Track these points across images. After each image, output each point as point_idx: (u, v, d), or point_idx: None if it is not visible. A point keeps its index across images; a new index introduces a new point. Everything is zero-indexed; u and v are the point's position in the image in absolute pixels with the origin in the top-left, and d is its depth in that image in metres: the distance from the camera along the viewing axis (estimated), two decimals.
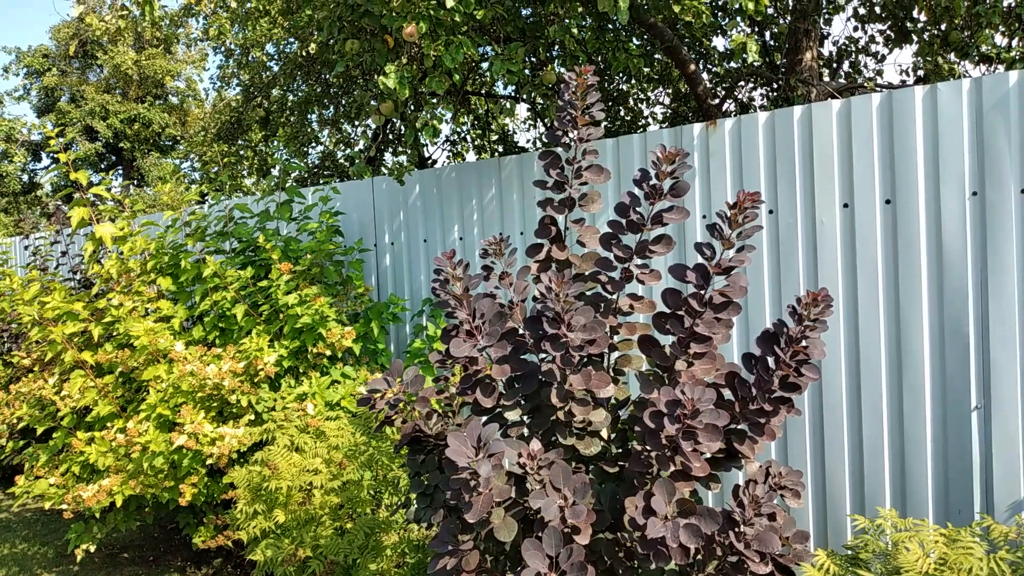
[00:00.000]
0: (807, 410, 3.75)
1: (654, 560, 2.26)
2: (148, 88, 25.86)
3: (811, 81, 6.04)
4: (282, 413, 4.23)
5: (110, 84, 25.93)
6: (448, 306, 2.62)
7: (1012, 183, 3.28)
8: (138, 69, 24.60)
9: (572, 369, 2.55)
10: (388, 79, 4.20)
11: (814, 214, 3.72)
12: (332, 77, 8.30)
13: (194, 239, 5.08)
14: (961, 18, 6.26)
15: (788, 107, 3.81)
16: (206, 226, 5.29)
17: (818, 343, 2.32)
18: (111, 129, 24.74)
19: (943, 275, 3.43)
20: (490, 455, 2.23)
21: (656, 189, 2.59)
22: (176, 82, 26.44)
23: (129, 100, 25.70)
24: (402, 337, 5.27)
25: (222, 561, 5.24)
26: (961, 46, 6.46)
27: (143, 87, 25.80)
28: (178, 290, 5.11)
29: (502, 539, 2.34)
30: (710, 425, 2.23)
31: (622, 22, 4.11)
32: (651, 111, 9.64)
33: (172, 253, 5.15)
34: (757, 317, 3.86)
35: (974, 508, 3.38)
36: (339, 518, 3.83)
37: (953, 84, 3.39)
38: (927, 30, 6.92)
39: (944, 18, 6.31)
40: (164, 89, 26.39)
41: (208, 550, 5.23)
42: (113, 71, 24.86)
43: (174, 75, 25.92)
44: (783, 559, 2.37)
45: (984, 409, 3.36)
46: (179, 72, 26.14)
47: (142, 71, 24.75)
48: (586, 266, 2.86)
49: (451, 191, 5.03)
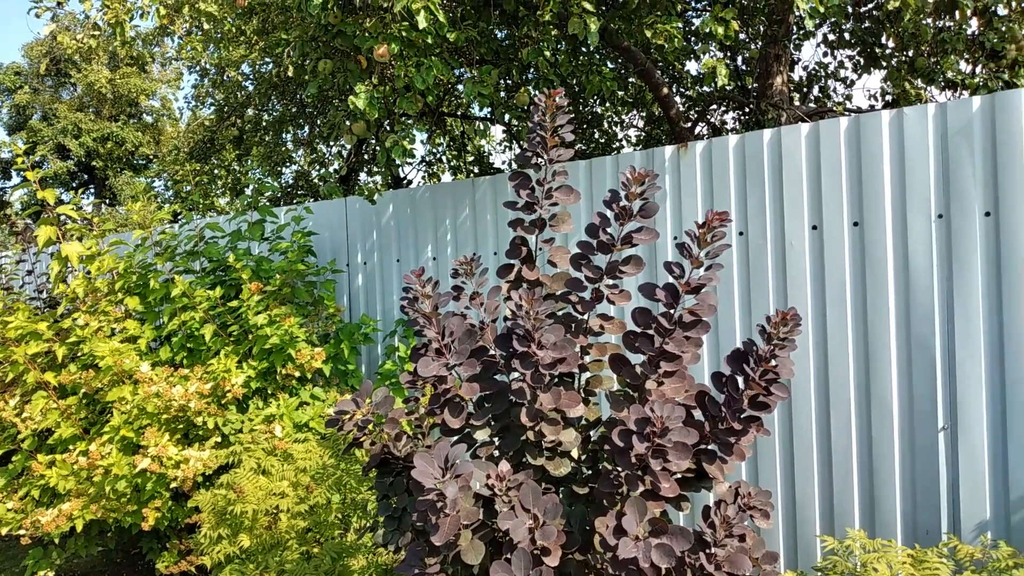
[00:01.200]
0: (776, 430, 3.76)
1: None
2: (122, 107, 25.67)
3: (782, 105, 6.12)
4: (249, 435, 4.16)
5: (83, 102, 25.71)
6: (417, 324, 2.59)
7: (976, 206, 3.33)
8: (112, 87, 24.42)
9: (542, 388, 2.53)
10: (358, 99, 4.19)
11: (783, 235, 3.74)
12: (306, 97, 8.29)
13: (163, 258, 5.02)
14: (927, 45, 6.39)
15: (758, 130, 3.85)
16: (176, 245, 5.22)
17: (787, 362, 2.33)
18: (83, 148, 24.49)
19: (910, 297, 3.47)
20: (457, 476, 2.20)
21: (626, 210, 2.59)
22: (151, 101, 26.28)
23: (102, 118, 25.49)
24: (374, 358, 5.22)
25: None
26: (927, 72, 6.58)
27: (117, 106, 25.60)
28: (146, 310, 5.03)
29: (469, 562, 2.30)
30: (679, 443, 2.22)
31: (593, 45, 4.14)
32: (625, 134, 9.73)
33: (141, 273, 5.07)
34: (728, 337, 3.87)
35: (941, 528, 3.39)
36: (306, 542, 3.76)
37: (919, 109, 3.44)
38: (895, 56, 7.05)
39: (911, 44, 6.43)
40: (138, 108, 26.21)
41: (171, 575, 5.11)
42: (87, 89, 24.66)
43: (149, 94, 25.76)
44: None
45: (951, 430, 3.39)
46: (154, 91, 25.99)
47: (116, 90, 24.57)
48: (557, 286, 2.85)
49: (425, 211, 5.01)
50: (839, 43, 7.64)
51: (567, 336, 2.57)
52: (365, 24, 4.25)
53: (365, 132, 4.71)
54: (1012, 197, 3.26)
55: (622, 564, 2.23)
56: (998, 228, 3.29)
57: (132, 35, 7.49)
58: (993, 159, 3.30)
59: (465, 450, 2.58)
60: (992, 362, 3.31)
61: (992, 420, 3.31)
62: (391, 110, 4.67)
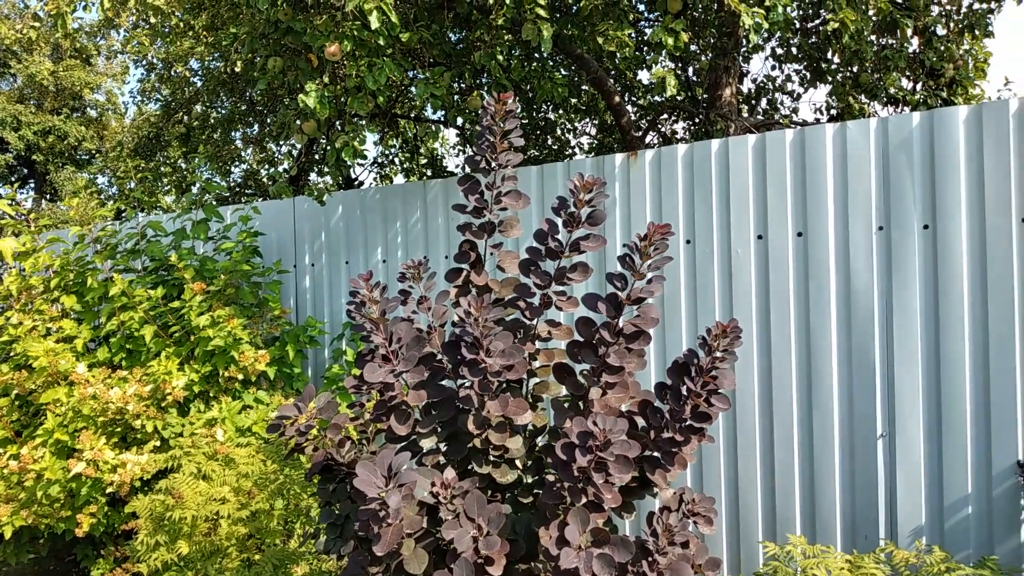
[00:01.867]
0: (721, 437, 3.80)
1: None
2: (65, 100, 24.89)
3: (730, 116, 6.22)
4: (190, 439, 4.06)
5: (24, 94, 24.87)
6: (364, 330, 2.55)
7: (915, 219, 3.42)
8: (54, 80, 23.68)
9: (490, 395, 2.51)
10: (308, 98, 4.13)
11: (730, 244, 3.80)
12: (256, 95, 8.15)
13: (103, 256, 4.87)
14: (870, 62, 6.56)
15: (707, 140, 3.90)
16: (117, 243, 5.08)
17: (728, 374, 2.35)
18: (23, 141, 23.69)
19: (851, 307, 3.54)
20: (401, 485, 2.17)
21: (574, 217, 2.59)
22: (95, 95, 25.55)
23: (44, 112, 24.68)
24: (320, 361, 5.15)
25: None
26: (870, 88, 6.76)
27: (59, 98, 24.82)
28: (83, 309, 4.88)
29: (412, 571, 2.27)
30: (621, 456, 2.22)
31: (546, 50, 4.15)
32: (578, 141, 9.78)
33: (78, 270, 4.92)
34: (675, 343, 3.91)
35: (879, 534, 3.47)
36: (247, 549, 3.68)
37: (861, 123, 3.53)
38: (840, 71, 7.22)
39: (855, 61, 6.60)
40: (82, 101, 25.44)
41: None
42: (27, 81, 23.85)
43: (93, 87, 25.04)
44: None
45: (889, 437, 3.47)
46: (98, 84, 25.26)
47: (59, 82, 23.81)
48: (505, 292, 2.84)
49: (375, 213, 4.96)
50: (786, 57, 7.80)
51: (515, 343, 2.55)
52: (316, 22, 4.20)
53: (315, 131, 4.64)
54: (949, 211, 3.35)
55: (564, 574, 2.22)
56: (935, 241, 3.38)
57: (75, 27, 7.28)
58: (931, 173, 3.40)
59: (410, 457, 2.55)
60: (928, 371, 3.40)
61: (928, 428, 3.40)
62: (342, 110, 4.62)
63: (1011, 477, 3.24)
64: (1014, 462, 3.23)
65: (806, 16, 7.05)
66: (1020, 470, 3.20)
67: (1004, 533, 3.26)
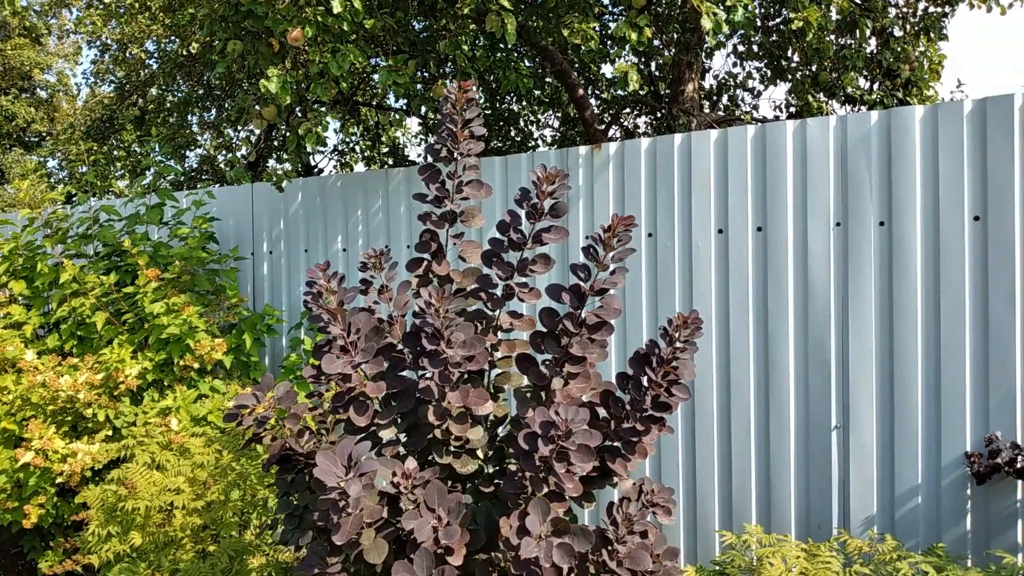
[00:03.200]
0: (680, 428, 3.85)
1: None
2: (13, 79, 24.14)
3: (692, 111, 6.27)
4: (143, 429, 3.98)
5: None
6: (321, 320, 2.52)
7: (872, 215, 3.49)
8: (2, 59, 22.95)
9: (451, 386, 2.50)
10: (270, 83, 4.06)
11: (691, 238, 3.83)
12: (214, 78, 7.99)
13: (53, 241, 4.74)
14: (830, 60, 6.66)
15: (670, 134, 3.92)
16: (68, 228, 4.95)
17: (688, 364, 2.37)
18: None
19: (808, 300, 3.60)
20: (361, 475, 2.15)
21: (537, 208, 2.59)
22: (46, 75, 24.81)
23: None
24: (278, 350, 5.08)
25: None
26: (829, 86, 6.87)
27: (8, 78, 24.06)
28: (33, 295, 4.75)
29: (372, 561, 2.26)
30: (583, 446, 2.23)
31: (510, 42, 4.13)
32: (541, 133, 9.78)
33: (28, 255, 4.79)
34: (635, 335, 3.94)
35: (833, 523, 3.54)
36: (202, 540, 3.62)
37: (821, 120, 3.58)
38: (800, 70, 7.33)
39: (815, 59, 6.69)
40: (32, 82, 24.70)
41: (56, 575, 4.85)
42: None
43: (44, 68, 24.32)
44: None
45: (843, 428, 3.54)
46: (49, 65, 24.54)
47: (7, 61, 23.08)
48: (467, 282, 2.82)
49: (336, 201, 4.90)
50: (748, 55, 7.89)
51: (476, 334, 2.55)
52: (278, 6, 4.12)
53: (276, 117, 4.57)
54: (904, 208, 3.42)
55: (524, 564, 2.23)
56: (891, 237, 3.45)
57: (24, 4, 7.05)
58: (888, 171, 3.46)
59: (370, 448, 2.53)
60: (882, 365, 3.47)
61: (881, 419, 3.47)
62: (303, 96, 4.55)
63: (959, 468, 3.33)
64: (962, 453, 3.32)
65: (768, 14, 7.14)
66: (968, 461, 3.29)
67: (951, 522, 3.35)
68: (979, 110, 3.32)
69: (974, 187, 3.33)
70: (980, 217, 3.31)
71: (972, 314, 3.32)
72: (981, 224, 3.31)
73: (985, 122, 3.30)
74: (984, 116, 3.30)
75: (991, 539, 3.29)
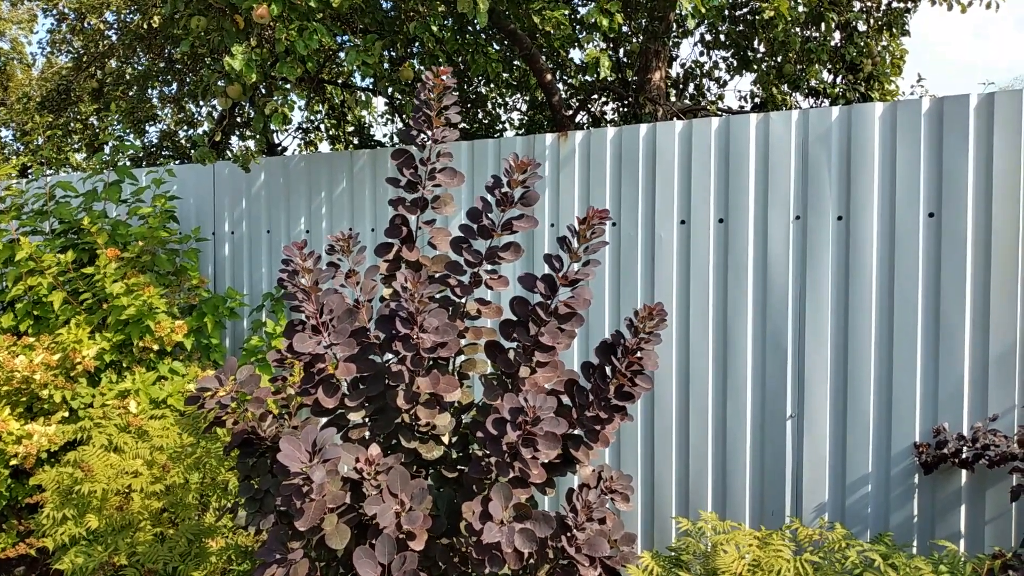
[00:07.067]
0: (639, 417, 3.91)
1: (488, 565, 2.26)
2: None
3: (659, 100, 6.31)
4: (101, 410, 3.93)
5: None
6: (295, 299, 2.51)
7: (830, 210, 3.56)
8: None
9: (422, 371, 2.52)
10: (235, 61, 4.00)
11: (654, 228, 3.87)
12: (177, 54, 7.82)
13: (8, 217, 4.63)
14: (795, 52, 6.75)
15: (636, 124, 3.95)
16: (23, 203, 4.83)
17: (652, 355, 2.41)
18: None
19: (767, 292, 3.67)
20: (325, 460, 2.16)
21: (507, 197, 2.60)
22: None
23: None
24: (239, 333, 5.03)
25: (25, 570, 4.79)
26: (793, 79, 6.97)
27: None
28: None
29: (334, 547, 2.27)
30: (550, 433, 2.27)
31: (481, 25, 4.12)
32: (508, 117, 9.76)
33: None
34: (597, 324, 3.98)
35: (785, 511, 3.64)
36: (161, 523, 3.60)
37: (784, 114, 3.64)
38: (765, 61, 7.41)
39: (780, 51, 6.78)
40: None
41: (9, 559, 4.77)
42: None
43: None
44: (611, 561, 2.45)
45: (798, 418, 3.62)
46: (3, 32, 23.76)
47: None
48: (436, 268, 2.83)
49: (299, 182, 4.86)
50: (715, 43, 7.96)
51: (448, 320, 2.56)
52: None
53: (240, 95, 4.49)
54: (862, 204, 3.50)
55: (486, 548, 2.26)
56: (848, 232, 3.53)
57: None
58: (847, 166, 3.53)
59: (336, 432, 2.54)
60: (837, 355, 3.56)
61: (834, 409, 3.57)
62: (269, 74, 4.48)
63: (908, 457, 3.44)
64: (911, 443, 3.43)
65: (735, 3, 7.20)
66: (916, 451, 3.40)
67: (899, 509, 3.46)
68: (936, 109, 3.40)
69: (929, 184, 3.41)
70: (935, 214, 3.40)
71: (924, 309, 3.42)
72: (935, 221, 3.40)
73: (942, 121, 3.39)
74: (941, 115, 3.39)
75: (936, 526, 3.41)
